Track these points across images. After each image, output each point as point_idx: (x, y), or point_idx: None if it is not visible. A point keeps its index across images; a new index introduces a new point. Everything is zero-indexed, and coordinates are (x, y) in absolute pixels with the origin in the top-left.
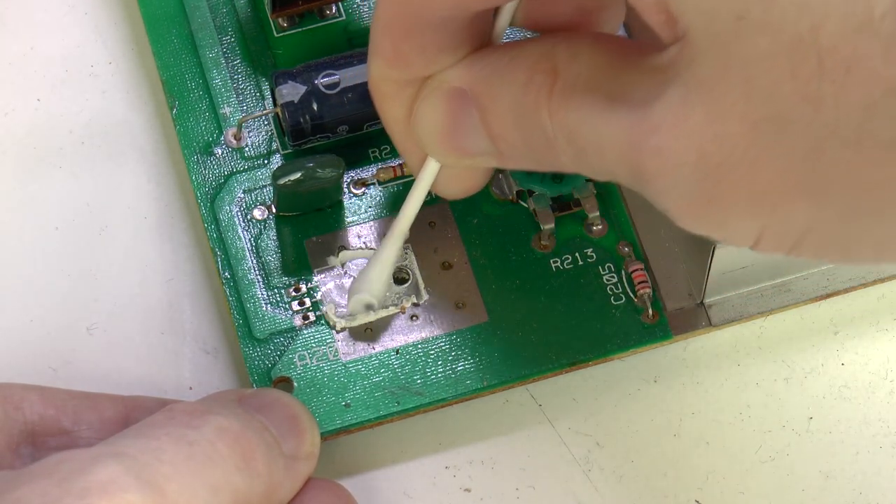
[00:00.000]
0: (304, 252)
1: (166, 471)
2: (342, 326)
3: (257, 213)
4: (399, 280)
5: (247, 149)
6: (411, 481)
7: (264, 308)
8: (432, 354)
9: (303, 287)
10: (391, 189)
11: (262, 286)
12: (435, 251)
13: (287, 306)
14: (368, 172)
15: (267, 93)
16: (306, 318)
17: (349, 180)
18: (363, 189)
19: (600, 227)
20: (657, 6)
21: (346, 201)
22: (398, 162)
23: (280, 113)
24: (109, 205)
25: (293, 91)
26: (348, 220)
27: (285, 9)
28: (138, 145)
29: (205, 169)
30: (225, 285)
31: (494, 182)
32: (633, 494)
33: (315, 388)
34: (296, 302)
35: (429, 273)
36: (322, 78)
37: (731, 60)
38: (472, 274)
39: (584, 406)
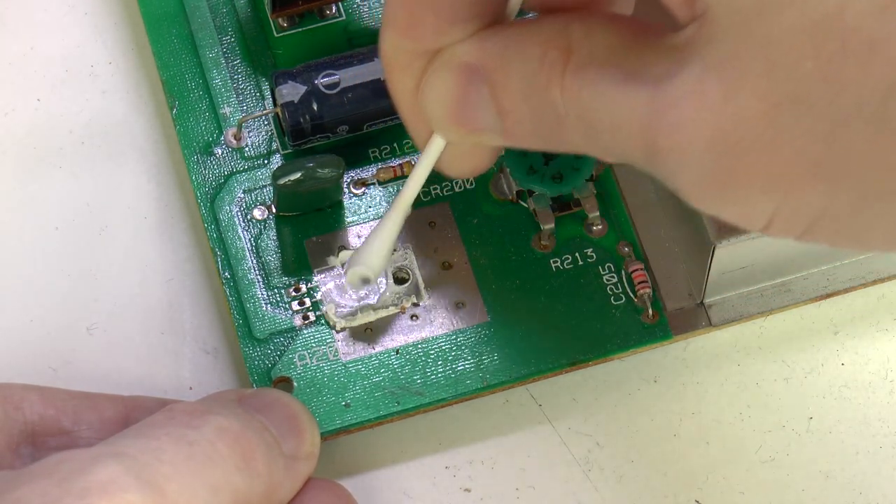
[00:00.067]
0: (304, 252)
1: (166, 471)
2: (342, 326)
3: (257, 213)
4: (399, 280)
5: (247, 149)
6: (411, 481)
7: (264, 308)
8: (432, 354)
9: (303, 287)
10: (391, 189)
11: (262, 286)
12: (435, 251)
13: (287, 306)
14: (368, 172)
15: (267, 93)
16: (306, 318)
17: (349, 180)
18: (363, 189)
19: (600, 227)
20: None
21: (346, 201)
22: (398, 162)
23: (280, 113)
24: (109, 205)
25: (293, 91)
26: (348, 220)
27: (285, 9)
28: (138, 145)
29: (205, 169)
30: (225, 285)
31: (494, 182)
32: (633, 494)
33: (315, 388)
34: (296, 302)
35: (429, 273)
36: (322, 78)
37: (753, 38)
38: (472, 274)
39: (584, 406)
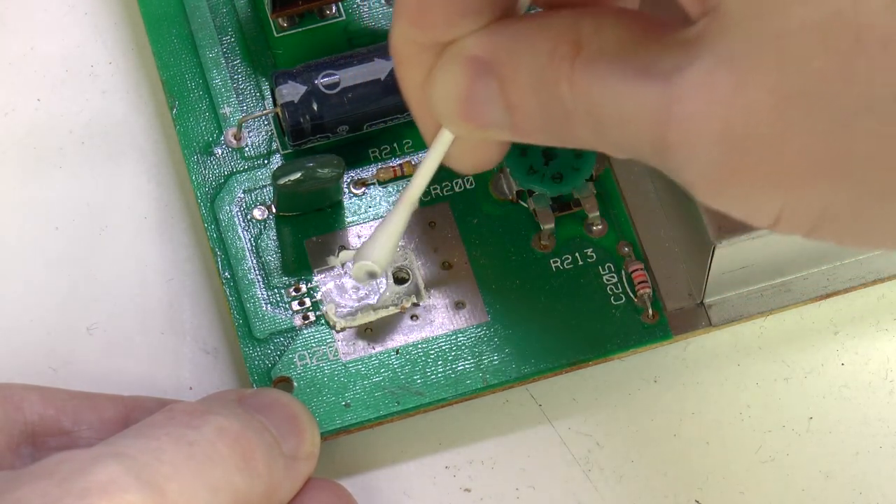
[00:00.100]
0: (304, 252)
1: (166, 471)
2: (342, 326)
3: (257, 213)
4: (399, 280)
5: (247, 149)
6: (411, 481)
7: (264, 308)
8: (432, 354)
9: (303, 287)
10: (391, 189)
11: (262, 286)
12: (435, 251)
13: (287, 306)
14: (368, 172)
15: (267, 93)
16: (306, 318)
17: (349, 180)
18: (363, 189)
19: (600, 227)
20: None
21: (346, 201)
22: (398, 162)
23: (280, 113)
24: (109, 205)
25: (293, 91)
26: (348, 220)
27: (285, 9)
28: (138, 145)
29: (205, 169)
30: (225, 285)
31: (494, 182)
32: (633, 494)
33: (315, 388)
34: (296, 302)
35: (429, 273)
36: (322, 78)
37: (765, 32)
38: (472, 274)
39: (584, 406)
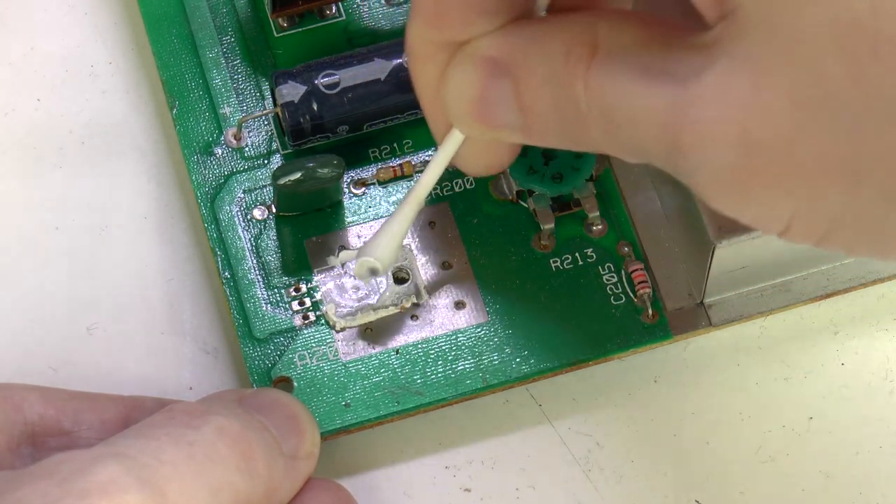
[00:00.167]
0: (304, 252)
1: (166, 471)
2: (342, 326)
3: (257, 213)
4: (399, 280)
5: (247, 149)
6: (411, 481)
7: (264, 308)
8: (432, 354)
9: (303, 287)
10: (391, 189)
11: (262, 286)
12: (435, 251)
13: (287, 306)
14: (368, 172)
15: (267, 93)
16: (306, 318)
17: (349, 180)
18: (363, 189)
19: (600, 227)
20: None
21: (346, 201)
22: (398, 162)
23: (280, 113)
24: (109, 205)
25: (293, 91)
26: (348, 220)
27: (285, 9)
28: (138, 145)
29: (205, 169)
30: (225, 285)
31: (494, 182)
32: (633, 494)
33: (315, 388)
34: (296, 302)
35: (429, 273)
36: (322, 78)
37: (783, 37)
38: (472, 274)
39: (584, 406)
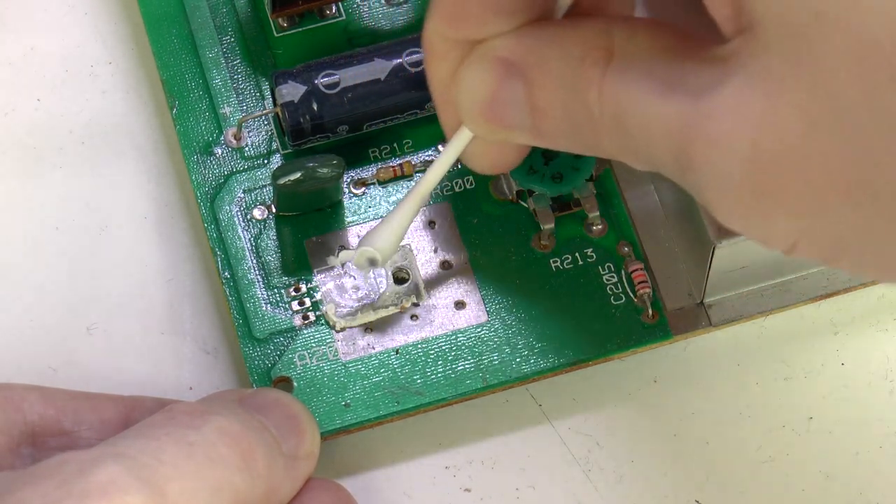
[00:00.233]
0: (304, 252)
1: (167, 471)
2: (342, 326)
3: (257, 213)
4: (399, 280)
5: (247, 149)
6: (411, 481)
7: (264, 308)
8: (432, 354)
9: (303, 287)
10: (391, 189)
11: (262, 286)
12: (435, 251)
13: (287, 306)
14: (368, 172)
15: (267, 93)
16: (306, 318)
17: (349, 180)
18: (363, 189)
19: (600, 227)
20: (728, 0)
21: (346, 201)
22: (398, 162)
23: (280, 113)
24: (109, 205)
25: (293, 91)
26: (348, 220)
27: (285, 9)
28: (138, 145)
29: (205, 169)
30: (225, 285)
31: (494, 182)
32: (633, 494)
33: (315, 388)
34: (296, 302)
35: (429, 273)
36: (322, 78)
37: (801, 58)
38: (472, 274)
39: (584, 406)
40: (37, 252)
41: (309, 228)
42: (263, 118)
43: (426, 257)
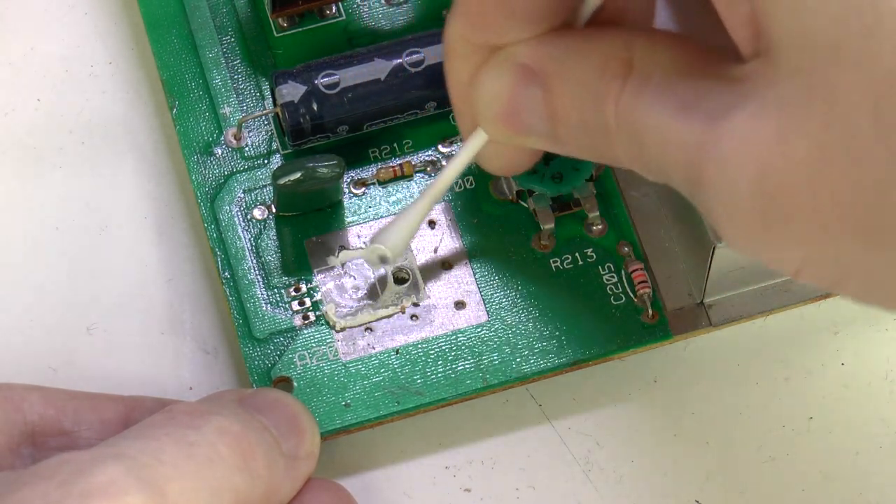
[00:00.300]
0: (304, 252)
1: (167, 472)
2: (342, 326)
3: (257, 213)
4: (399, 280)
5: (247, 149)
6: (411, 481)
7: (264, 308)
8: (432, 354)
9: (303, 287)
10: (391, 189)
11: (262, 286)
12: (435, 251)
13: (287, 306)
14: (368, 172)
15: (267, 93)
16: (306, 318)
17: (349, 180)
18: (363, 189)
19: (600, 227)
20: (747, 22)
21: (346, 201)
22: (398, 162)
23: (280, 113)
24: (109, 205)
25: (293, 91)
26: (348, 220)
27: (285, 9)
28: (138, 145)
29: (205, 169)
30: (225, 285)
31: (494, 182)
32: (633, 494)
33: (315, 388)
34: (296, 302)
35: (429, 273)
36: (322, 78)
37: (816, 87)
38: (472, 274)
39: (584, 406)
40: (37, 252)
41: (309, 228)
42: (263, 118)
43: (426, 257)
